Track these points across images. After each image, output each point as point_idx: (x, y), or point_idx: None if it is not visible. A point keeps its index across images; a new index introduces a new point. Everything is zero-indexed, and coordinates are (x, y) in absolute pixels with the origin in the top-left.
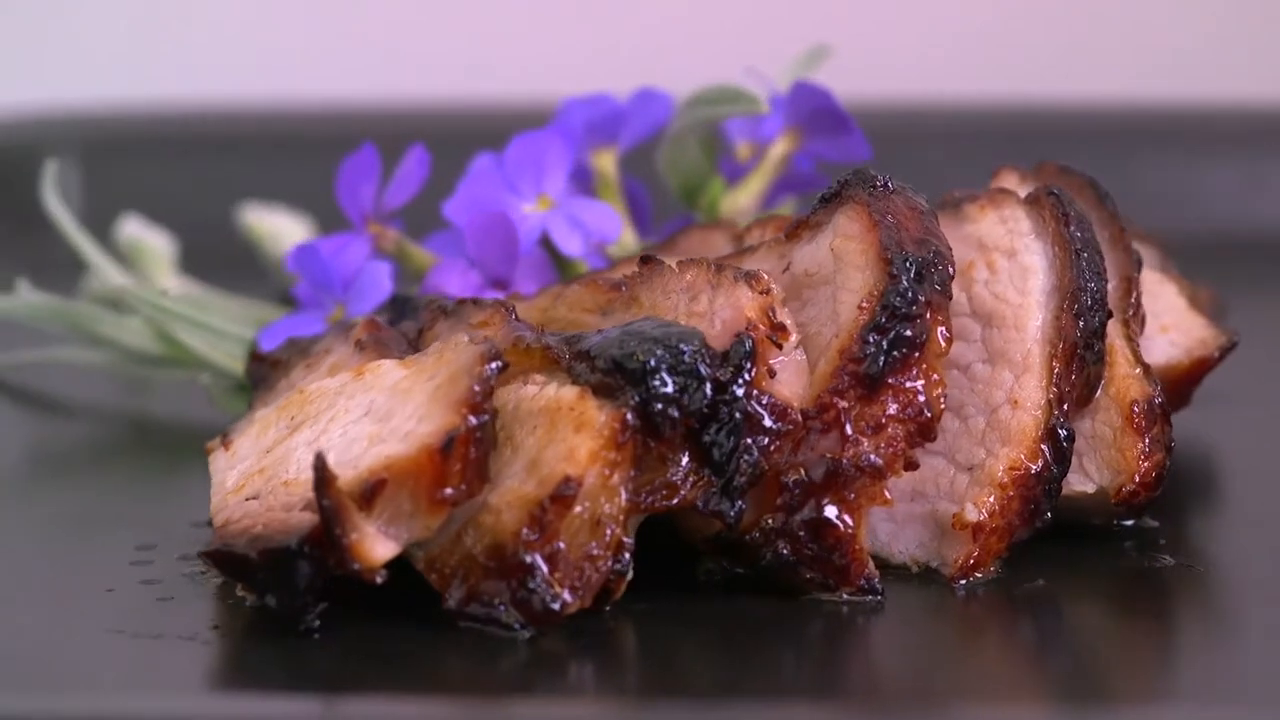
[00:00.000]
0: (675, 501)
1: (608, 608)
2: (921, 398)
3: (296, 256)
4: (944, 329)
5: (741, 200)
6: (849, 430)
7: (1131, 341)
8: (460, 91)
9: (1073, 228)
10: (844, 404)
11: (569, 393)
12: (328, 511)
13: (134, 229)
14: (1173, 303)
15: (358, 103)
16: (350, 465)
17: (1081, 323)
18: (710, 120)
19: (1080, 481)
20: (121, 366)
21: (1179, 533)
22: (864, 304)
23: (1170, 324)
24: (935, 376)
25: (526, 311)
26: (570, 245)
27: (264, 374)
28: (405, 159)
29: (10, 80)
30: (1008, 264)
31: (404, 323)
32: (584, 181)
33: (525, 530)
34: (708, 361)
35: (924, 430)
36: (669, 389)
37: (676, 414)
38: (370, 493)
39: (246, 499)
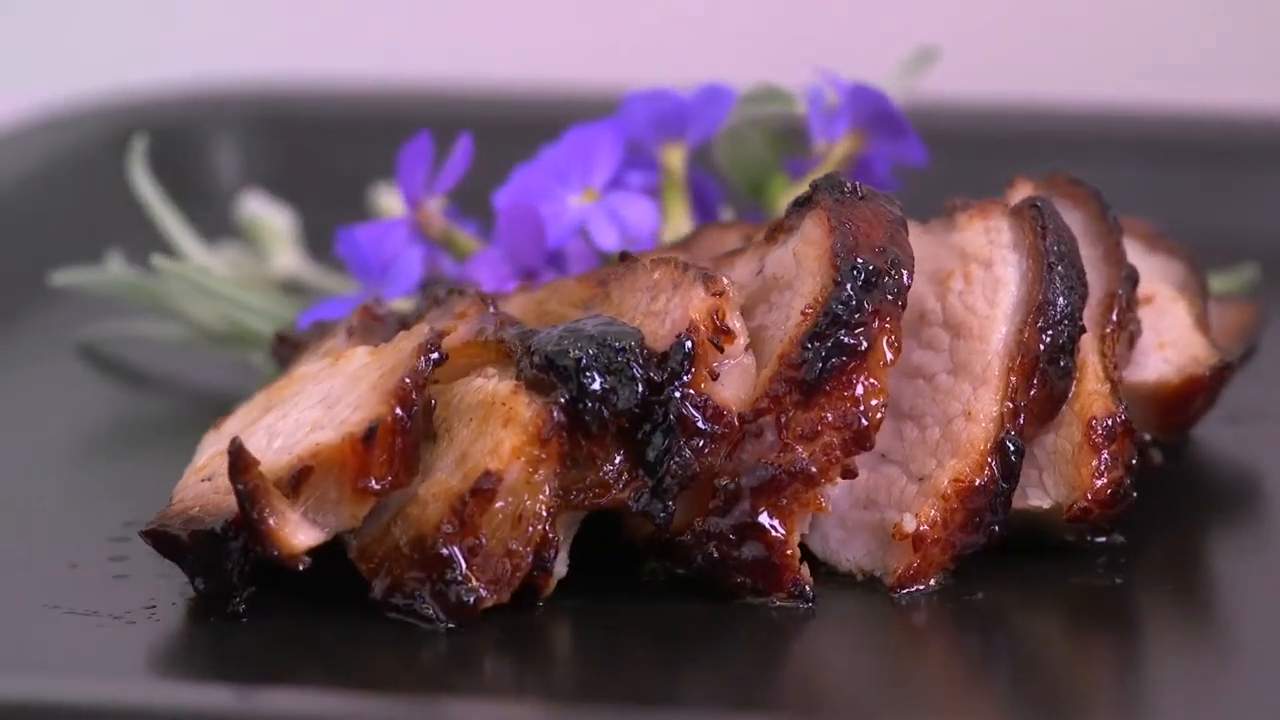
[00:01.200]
0: (606, 500)
1: (540, 604)
2: (860, 407)
3: (341, 240)
4: (893, 338)
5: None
6: (784, 436)
7: (1105, 358)
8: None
9: (1048, 240)
10: (780, 409)
11: (504, 387)
12: (242, 496)
13: (255, 206)
14: (1178, 320)
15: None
16: (287, 451)
17: (1047, 337)
18: (754, 119)
19: (1038, 496)
20: (197, 342)
21: (1152, 552)
22: (807, 310)
23: (1169, 341)
24: (876, 385)
25: (525, 304)
26: (606, 239)
27: (287, 356)
28: (454, 146)
29: (172, 54)
30: (983, 275)
31: (434, 311)
32: (649, 176)
33: (446, 523)
34: (641, 361)
35: (859, 439)
36: (598, 387)
37: (606, 413)
38: (297, 479)
39: (203, 480)
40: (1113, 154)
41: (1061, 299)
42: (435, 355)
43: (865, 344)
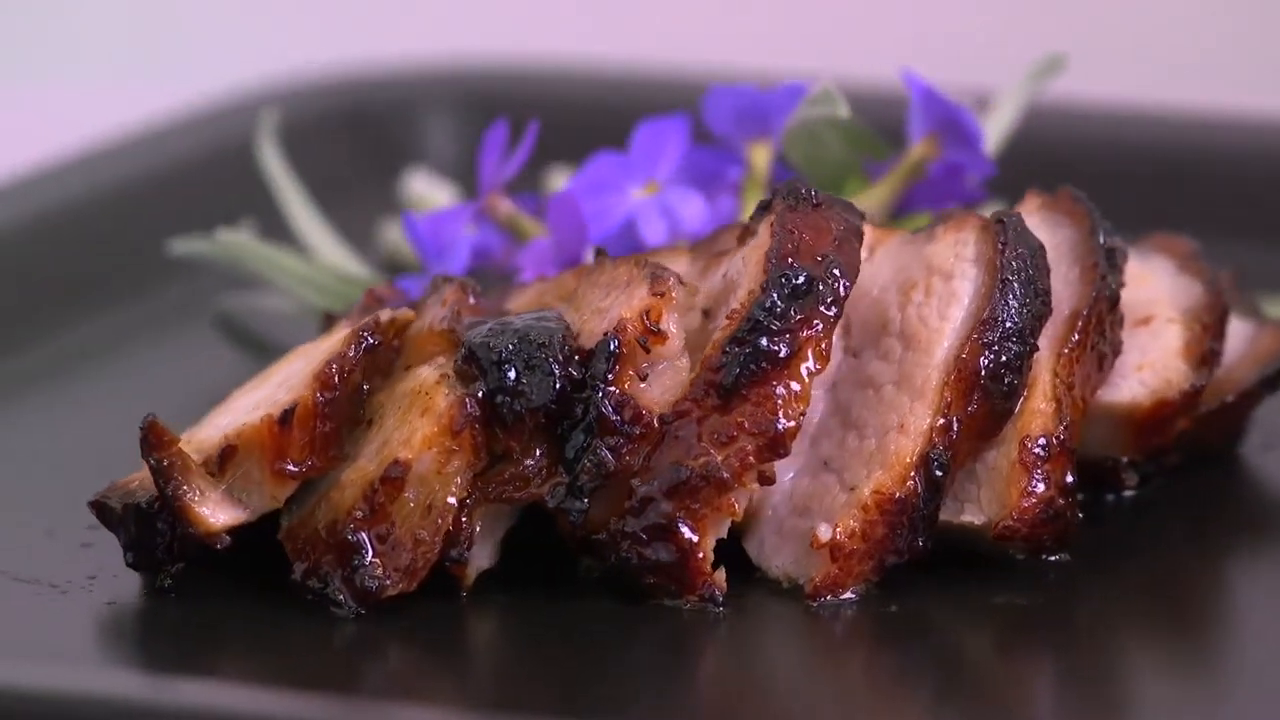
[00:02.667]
0: (523, 495)
1: (464, 596)
2: (777, 413)
3: (406, 224)
4: (822, 346)
5: (868, 202)
6: (700, 439)
7: (1057, 377)
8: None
9: (1006, 255)
10: (698, 412)
11: (431, 376)
12: (155, 471)
13: (419, 183)
14: (1166, 344)
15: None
16: (225, 429)
17: (990, 353)
18: (806, 120)
19: (973, 512)
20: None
21: (1102, 574)
22: (731, 314)
23: (1148, 364)
24: (798, 393)
25: (531, 295)
26: (652, 233)
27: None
28: (524, 133)
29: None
30: (942, 287)
31: (431, 297)
32: (736, 170)
33: (358, 509)
34: (560, 358)
35: (773, 445)
36: (513, 381)
37: (521, 407)
38: (222, 458)
39: None
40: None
41: (1013, 316)
42: (367, 343)
43: (788, 351)
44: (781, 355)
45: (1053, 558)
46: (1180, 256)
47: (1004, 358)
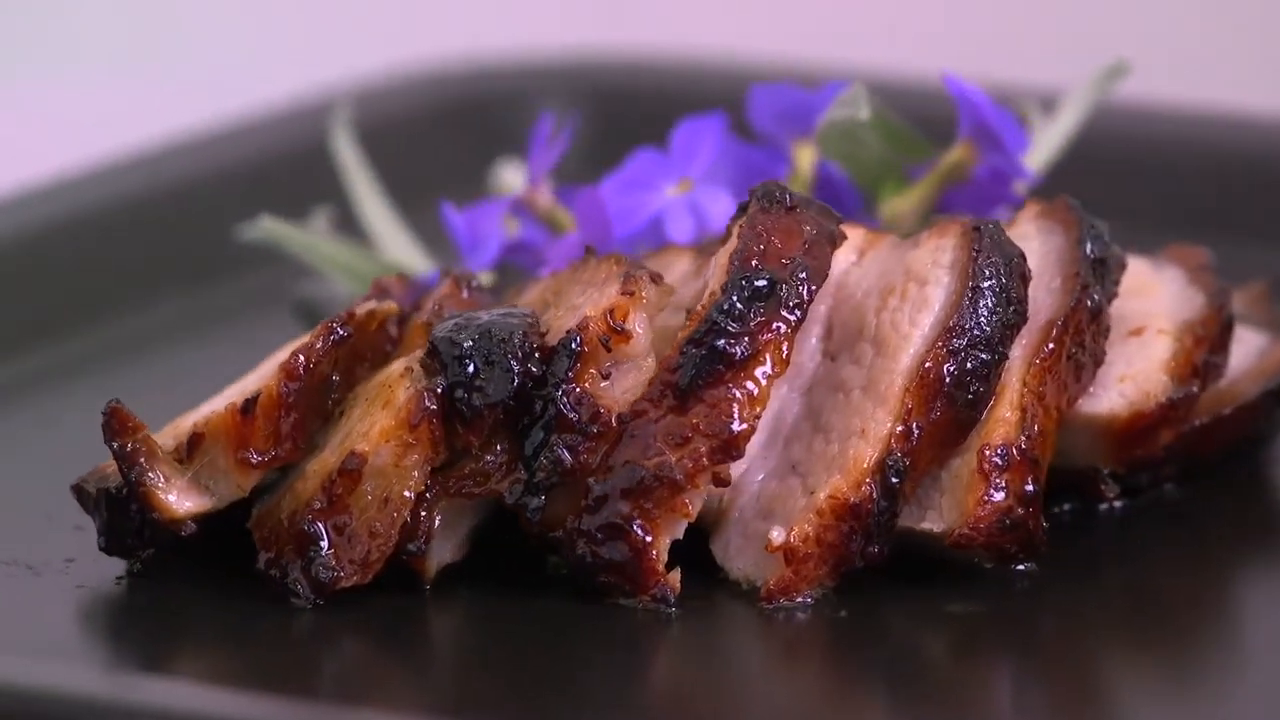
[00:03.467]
0: (483, 491)
1: (427, 589)
2: (731, 416)
3: (444, 215)
4: (782, 350)
5: (902, 205)
6: (655, 440)
7: (1026, 386)
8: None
9: (979, 263)
10: (655, 413)
11: (396, 369)
12: (117, 457)
13: (509, 173)
14: (1152, 356)
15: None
16: (195, 417)
17: (955, 360)
18: (835, 121)
19: (933, 520)
20: None
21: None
22: (692, 316)
23: (1130, 375)
24: (754, 395)
25: (539, 290)
26: (678, 231)
27: None
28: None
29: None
30: (916, 293)
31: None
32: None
33: (316, 499)
34: (520, 355)
35: (727, 448)
36: (471, 376)
37: (479, 403)
38: (190, 446)
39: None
40: None
41: (982, 324)
42: (336, 335)
43: (745, 353)
44: (738, 357)
45: (1021, 566)
46: (1192, 268)
47: (970, 365)
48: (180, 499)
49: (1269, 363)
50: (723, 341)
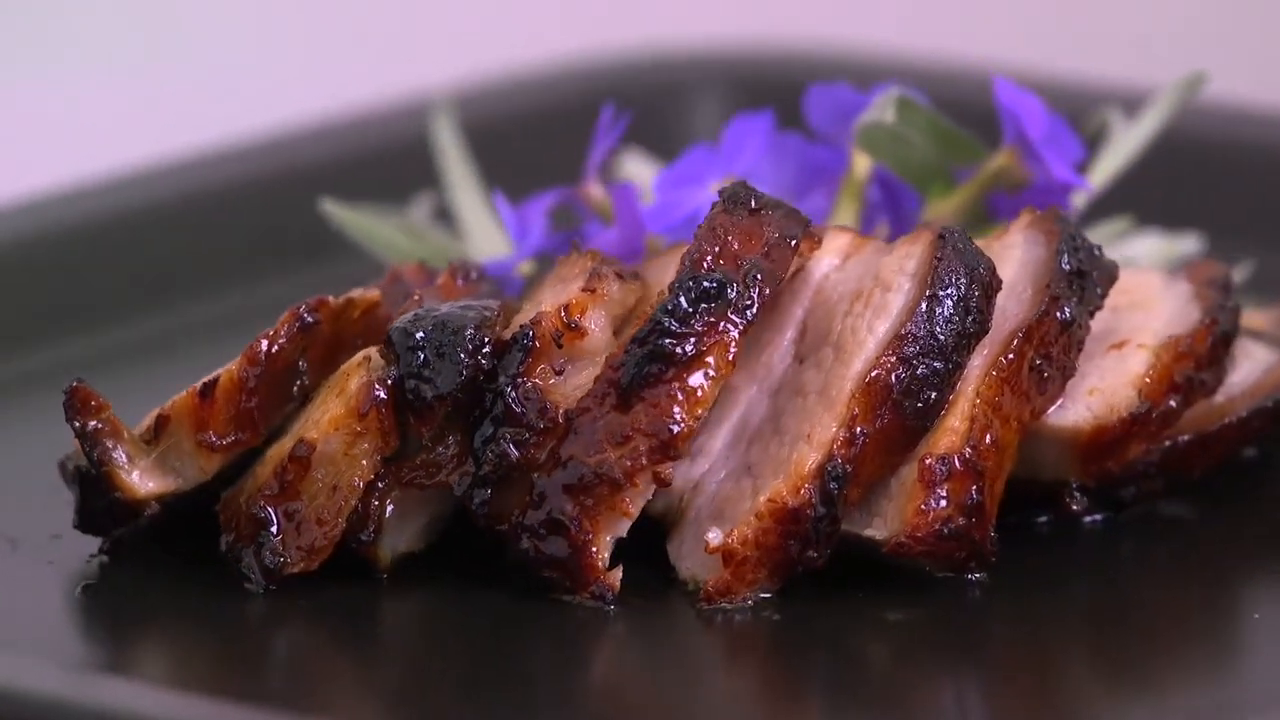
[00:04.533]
0: (433, 483)
1: (383, 577)
2: (672, 416)
3: (497, 203)
4: (729, 352)
5: (944, 209)
6: (598, 437)
7: (979, 396)
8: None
9: (939, 271)
10: (598, 410)
11: (356, 358)
12: (79, 437)
13: (632, 163)
14: (1126, 370)
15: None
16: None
17: (904, 368)
18: (868, 124)
19: (878, 527)
20: None
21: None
22: (641, 315)
23: (1098, 388)
24: (697, 397)
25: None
26: None
27: None
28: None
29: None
30: (879, 299)
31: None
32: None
33: (269, 485)
34: (469, 347)
35: (664, 448)
36: (420, 367)
37: (428, 394)
38: (156, 427)
39: None
40: None
41: (937, 332)
42: (303, 321)
43: (688, 354)
44: (680, 358)
45: (973, 576)
46: (1201, 283)
47: (921, 374)
48: (143, 479)
49: (1265, 382)
50: (666, 341)
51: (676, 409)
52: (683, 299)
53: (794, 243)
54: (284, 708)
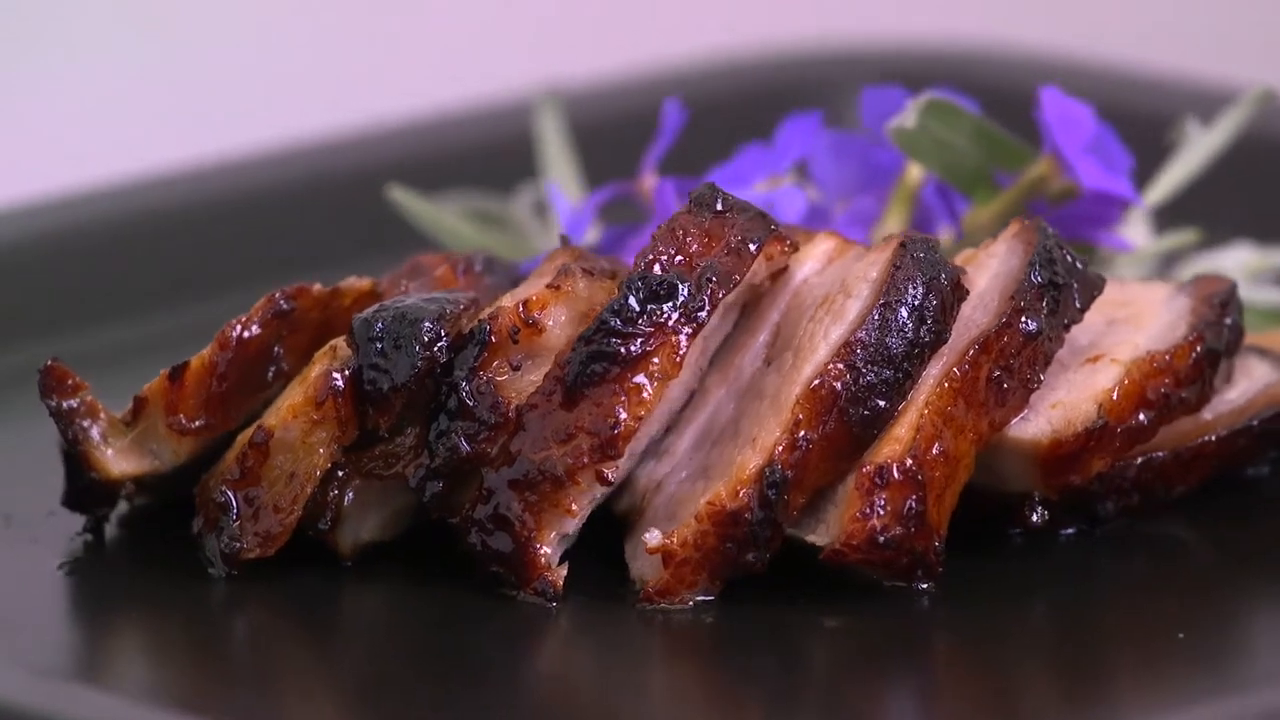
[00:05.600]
0: (391, 473)
1: (348, 565)
2: (614, 416)
3: (550, 198)
4: (676, 353)
5: (982, 216)
6: (545, 434)
7: (928, 406)
8: None
9: (897, 278)
10: (546, 407)
11: (326, 347)
12: (52, 415)
13: None
14: (1093, 384)
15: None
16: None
17: (851, 376)
18: (897, 128)
19: (821, 533)
20: None
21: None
22: (589, 313)
23: (1061, 402)
24: (641, 398)
25: None
26: None
27: None
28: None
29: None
30: (840, 305)
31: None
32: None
33: (230, 470)
34: (424, 341)
35: (605, 447)
36: (378, 358)
37: (384, 385)
38: (134, 409)
39: None
40: None
41: (888, 340)
42: (278, 307)
43: (633, 354)
44: (624, 358)
45: (922, 586)
46: (1201, 298)
47: (869, 381)
48: (118, 460)
49: (1255, 402)
50: (611, 340)
51: (620, 409)
52: (631, 299)
53: (754, 247)
54: (236, 694)
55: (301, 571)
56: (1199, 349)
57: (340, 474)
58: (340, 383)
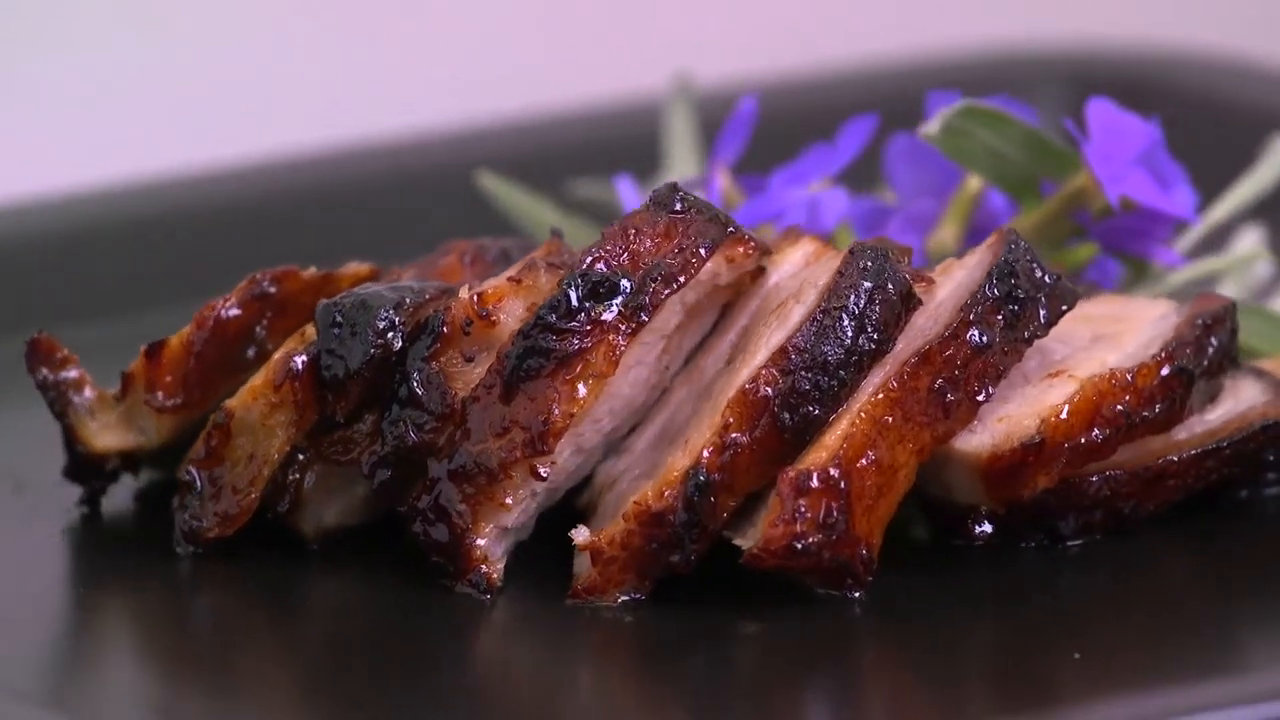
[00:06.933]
0: (346, 459)
1: (314, 549)
2: (546, 412)
3: (618, 190)
4: (613, 351)
5: (1023, 225)
6: (483, 426)
7: (862, 414)
8: None
9: (839, 286)
10: (486, 400)
11: (298, 332)
12: (39, 387)
13: None
14: (1046, 400)
15: None
16: None
17: (785, 381)
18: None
19: (750, 536)
20: None
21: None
22: (529, 309)
23: (1007, 416)
24: (575, 395)
25: None
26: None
27: None
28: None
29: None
30: (789, 310)
31: None
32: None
33: (198, 449)
34: (378, 329)
35: (536, 442)
36: (335, 344)
37: (339, 371)
38: (123, 385)
39: None
40: None
41: (824, 347)
42: (259, 289)
43: (569, 351)
44: (559, 355)
45: (854, 594)
46: (1189, 316)
47: (801, 387)
48: (103, 434)
49: (1229, 424)
50: (548, 337)
51: (554, 405)
52: (571, 295)
53: (705, 250)
54: (190, 673)
55: (266, 554)
56: (1167, 369)
57: (301, 458)
58: (299, 367)
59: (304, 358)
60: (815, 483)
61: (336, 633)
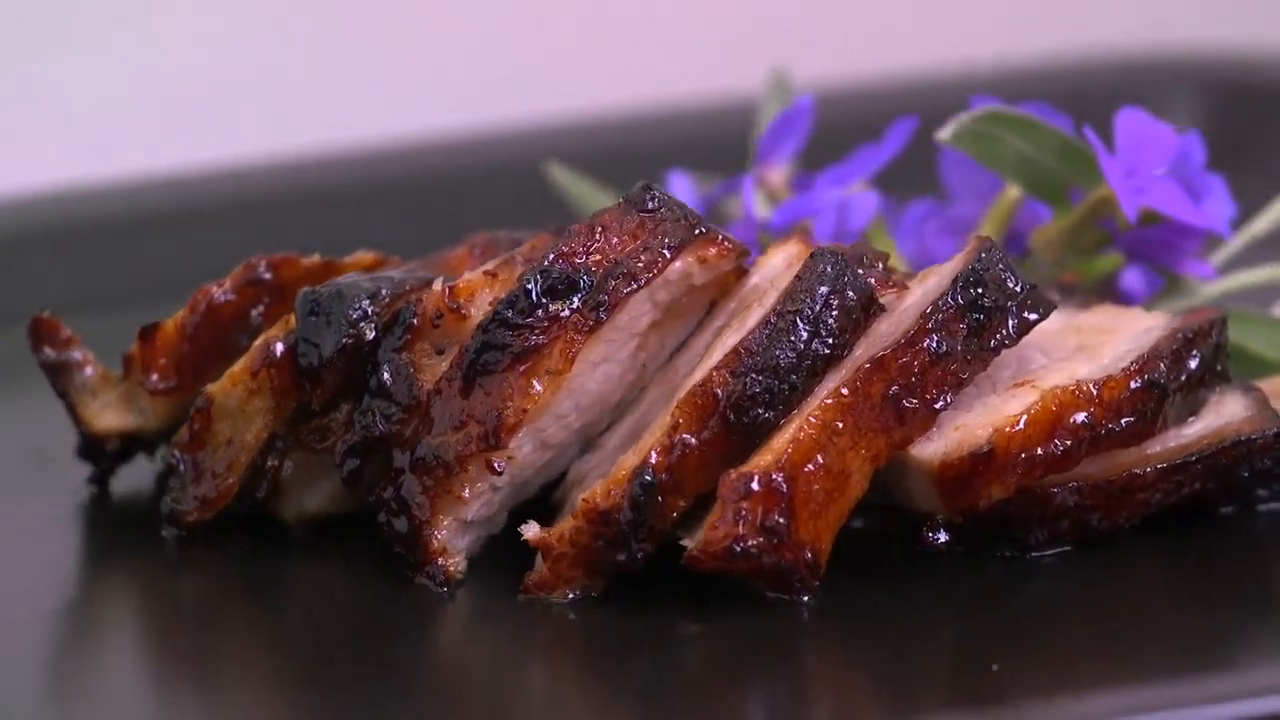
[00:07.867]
0: (321, 448)
1: (297, 535)
2: (500, 407)
3: (669, 184)
4: (571, 349)
5: (1049, 234)
6: (444, 419)
7: (811, 419)
8: None
9: (795, 289)
10: (448, 393)
11: (284, 319)
12: (42, 367)
13: None
14: (1006, 410)
15: None
16: None
17: (736, 383)
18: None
19: (698, 538)
20: None
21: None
22: (491, 304)
23: (963, 424)
24: (530, 391)
25: None
26: (821, 226)
27: None
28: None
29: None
30: (751, 311)
31: None
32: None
33: (184, 433)
34: (350, 319)
35: (488, 437)
36: (311, 333)
37: (314, 359)
38: (125, 366)
39: None
40: None
41: (776, 350)
42: (254, 274)
43: (525, 348)
44: (515, 350)
45: (803, 599)
46: (1172, 330)
47: (752, 390)
48: (104, 414)
49: (1202, 439)
50: (505, 333)
51: (509, 401)
52: (531, 291)
53: (669, 251)
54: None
55: (249, 539)
56: (1137, 381)
57: (279, 445)
58: (277, 354)
59: (282, 345)
60: (757, 486)
61: (307, 620)
